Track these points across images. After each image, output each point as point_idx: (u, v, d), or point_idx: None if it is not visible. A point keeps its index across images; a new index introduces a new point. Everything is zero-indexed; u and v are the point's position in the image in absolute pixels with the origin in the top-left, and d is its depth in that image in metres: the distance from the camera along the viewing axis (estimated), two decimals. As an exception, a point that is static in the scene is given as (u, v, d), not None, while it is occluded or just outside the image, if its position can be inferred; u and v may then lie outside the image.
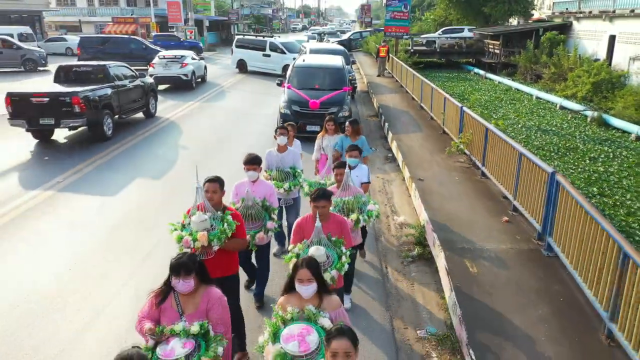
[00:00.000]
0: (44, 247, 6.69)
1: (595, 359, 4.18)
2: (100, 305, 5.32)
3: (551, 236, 5.65)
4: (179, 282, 3.22)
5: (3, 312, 5.14)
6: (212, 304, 3.32)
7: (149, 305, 3.31)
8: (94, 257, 6.41)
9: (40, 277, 5.87)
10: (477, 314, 4.76)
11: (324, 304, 3.26)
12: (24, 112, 11.23)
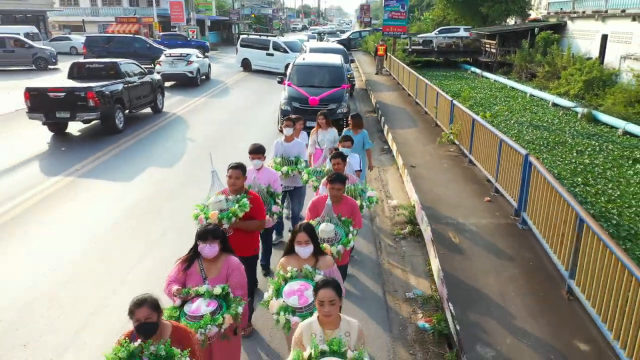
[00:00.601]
0: (70, 226, 7.35)
1: (557, 310, 4.85)
2: (123, 274, 5.97)
3: (525, 211, 6.34)
4: (205, 247, 3.58)
5: (33, 284, 5.77)
6: (232, 270, 3.69)
7: (176, 271, 3.71)
8: (112, 236, 7.05)
9: (66, 253, 6.50)
10: (457, 276, 5.43)
11: (319, 263, 3.73)
12: (41, 106, 11.85)
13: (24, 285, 5.68)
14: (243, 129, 14.31)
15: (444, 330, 4.86)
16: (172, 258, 3.81)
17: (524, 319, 4.72)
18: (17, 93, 19.13)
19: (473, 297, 5.07)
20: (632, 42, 23.19)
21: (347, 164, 5.34)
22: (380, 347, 4.74)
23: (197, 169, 10.01)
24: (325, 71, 13.91)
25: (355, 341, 3.05)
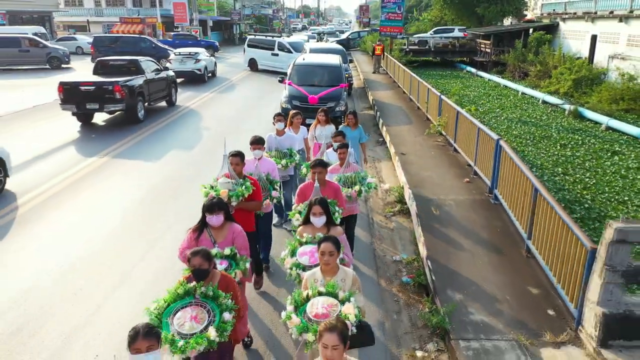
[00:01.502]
0: (106, 199, 8.55)
1: (516, 264, 5.81)
2: (152, 241, 6.93)
3: (497, 188, 7.31)
4: (213, 217, 4.20)
5: (79, 244, 6.75)
6: (236, 235, 4.34)
7: (188, 239, 4.39)
8: (142, 209, 8.14)
9: (104, 221, 7.53)
10: (435, 240, 6.39)
11: (331, 232, 4.28)
12: (73, 98, 13.25)
13: (74, 245, 6.76)
14: (249, 121, 15.34)
15: (422, 282, 5.83)
16: (191, 223, 4.67)
17: (488, 271, 5.70)
18: (32, 90, 20.21)
19: (448, 256, 6.04)
20: (619, 42, 24.13)
21: (350, 153, 5.99)
22: (370, 297, 5.69)
23: (210, 155, 11.21)
24: (324, 71, 14.37)
25: (350, 286, 3.68)
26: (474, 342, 4.55)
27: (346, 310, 3.41)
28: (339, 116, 12.91)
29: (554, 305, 5.06)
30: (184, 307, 3.41)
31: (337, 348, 2.84)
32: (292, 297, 3.65)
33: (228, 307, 3.47)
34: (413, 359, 4.66)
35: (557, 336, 4.58)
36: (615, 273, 4.09)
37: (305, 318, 3.47)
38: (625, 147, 14.61)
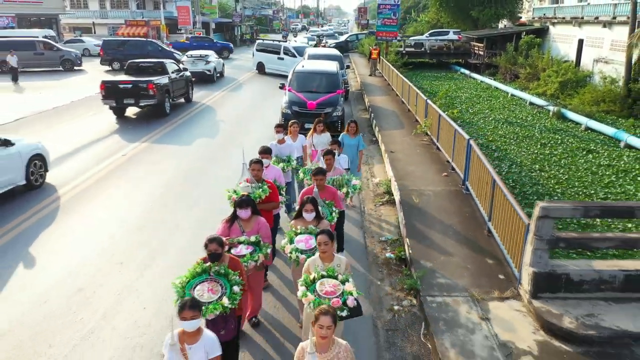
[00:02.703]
0: (148, 177, 10.63)
1: (478, 241, 7.08)
2: (179, 221, 8.23)
3: (468, 181, 8.61)
4: (242, 212, 5.13)
5: (117, 224, 8.04)
6: (261, 226, 5.26)
7: (223, 228, 5.22)
8: (179, 186, 10.05)
9: (145, 198, 9.37)
10: (414, 223, 7.67)
11: (320, 225, 5.28)
12: (113, 94, 15.56)
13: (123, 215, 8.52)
14: (258, 114, 17.55)
15: (402, 256, 7.11)
16: (215, 197, 5.91)
17: (455, 247, 6.99)
18: (49, 92, 21.44)
19: (423, 235, 7.33)
20: (603, 47, 25.38)
21: (336, 160, 6.97)
22: (360, 269, 6.97)
23: (227, 143, 13.66)
24: (322, 78, 14.97)
25: (344, 270, 4.57)
26: (438, 298, 5.84)
27: (348, 288, 4.28)
28: (336, 121, 13.62)
29: (504, 272, 6.34)
30: (202, 282, 4.26)
31: (330, 328, 3.50)
32: (303, 280, 4.46)
33: (237, 282, 4.32)
34: (392, 311, 5.94)
35: (502, 293, 5.87)
36: (542, 241, 5.37)
37: (316, 295, 4.29)
38: (600, 146, 15.86)
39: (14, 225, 8.02)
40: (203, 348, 3.66)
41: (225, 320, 4.32)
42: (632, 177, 12.65)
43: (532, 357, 4.81)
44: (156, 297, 6.07)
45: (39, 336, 5.31)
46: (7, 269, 6.70)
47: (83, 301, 5.97)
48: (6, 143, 9.00)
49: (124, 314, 5.74)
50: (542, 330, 5.17)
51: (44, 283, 6.38)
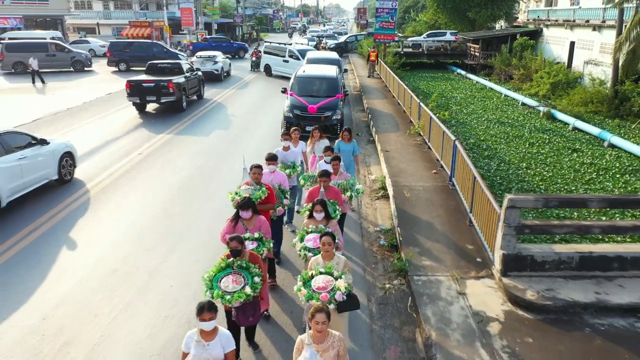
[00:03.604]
0: (172, 165, 12.18)
1: (461, 230, 8.06)
2: (196, 212, 9.20)
3: (454, 177, 9.59)
4: (244, 212, 5.70)
5: (143, 211, 9.03)
6: (262, 223, 5.86)
7: (228, 226, 5.78)
8: (198, 175, 11.50)
9: (167, 189, 10.59)
10: (405, 214, 8.64)
11: (329, 224, 5.80)
12: (137, 92, 17.41)
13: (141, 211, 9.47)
14: (264, 112, 18.97)
15: (394, 243, 8.09)
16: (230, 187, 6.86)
17: (440, 234, 7.96)
18: (61, 93, 22.39)
19: (412, 225, 8.31)
20: (593, 49, 26.33)
21: (340, 166, 7.57)
22: (357, 255, 7.92)
23: (241, 134, 15.64)
24: (323, 82, 15.57)
25: (342, 268, 5.02)
26: (423, 277, 6.81)
27: (339, 284, 4.72)
28: (335, 124, 14.34)
29: (481, 256, 7.31)
30: (227, 275, 4.87)
31: (325, 323, 3.96)
32: (301, 276, 4.98)
33: (257, 273, 4.94)
34: (383, 289, 6.91)
35: (478, 273, 6.85)
36: (510, 228, 6.33)
37: (310, 290, 4.77)
38: (585, 145, 16.80)
39: (50, 216, 9.04)
40: (220, 344, 4.11)
41: (254, 309, 4.96)
42: (611, 174, 13.58)
43: (499, 323, 5.79)
44: (181, 277, 7.04)
45: (84, 309, 6.28)
46: (49, 255, 7.67)
47: (118, 280, 6.95)
48: (43, 142, 10.08)
49: (154, 291, 6.71)
50: (509, 302, 6.14)
51: (83, 265, 7.35)
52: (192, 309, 5.71)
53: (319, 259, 5.14)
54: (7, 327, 5.92)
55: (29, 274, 7.08)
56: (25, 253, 7.69)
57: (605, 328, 5.65)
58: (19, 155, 9.36)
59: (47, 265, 7.35)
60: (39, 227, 8.58)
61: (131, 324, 5.98)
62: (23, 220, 8.82)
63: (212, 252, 7.46)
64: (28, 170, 9.48)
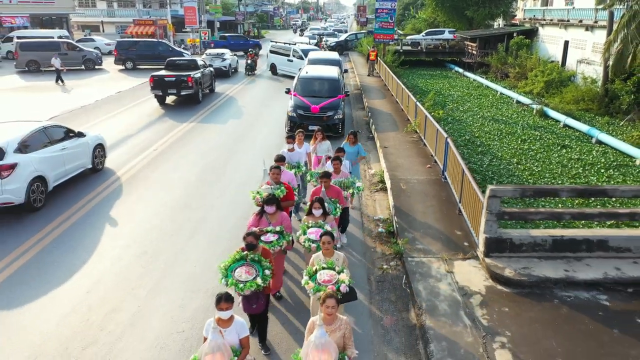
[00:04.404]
0: (196, 150, 14.10)
1: (451, 219, 8.98)
2: (214, 202, 10.13)
3: (446, 171, 10.51)
4: (268, 207, 6.35)
5: (171, 193, 9.97)
6: (284, 219, 6.55)
7: (254, 220, 6.50)
8: (217, 159, 13.16)
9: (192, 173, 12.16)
10: (401, 205, 9.56)
11: (326, 220, 6.57)
12: (159, 85, 19.58)
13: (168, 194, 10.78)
14: (272, 104, 20.99)
15: (391, 230, 9.01)
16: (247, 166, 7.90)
17: (432, 222, 8.89)
18: (75, 92, 23.29)
19: (408, 214, 9.24)
20: (586, 49, 27.15)
21: (343, 165, 8.47)
22: (357, 242, 8.83)
23: (254, 122, 17.85)
24: (325, 83, 16.21)
25: (341, 263, 5.55)
26: (417, 258, 7.74)
27: (342, 278, 5.28)
28: (337, 124, 15.08)
29: (468, 240, 8.24)
30: (240, 266, 5.41)
31: (334, 307, 4.48)
32: (306, 271, 5.56)
33: (267, 266, 5.48)
34: (381, 269, 7.84)
35: (465, 255, 7.78)
36: (492, 214, 7.26)
37: (316, 283, 5.32)
38: (574, 142, 17.68)
39: (85, 202, 10.25)
40: (235, 330, 4.61)
41: (257, 297, 5.50)
42: (596, 169, 14.47)
43: (480, 295, 6.72)
44: (203, 259, 7.96)
45: (122, 284, 7.22)
46: (86, 238, 8.67)
47: (148, 260, 7.89)
48: (80, 135, 11.36)
49: (180, 270, 7.64)
50: (490, 279, 7.07)
51: (117, 246, 8.33)
52: (214, 284, 6.71)
53: (320, 255, 5.71)
54: (61, 298, 6.91)
55: (72, 254, 8.09)
56: (68, 235, 8.78)
57: (571, 299, 6.59)
58: (62, 146, 10.61)
59: (87, 246, 8.35)
60: (78, 211, 9.77)
61: (163, 297, 6.92)
62: (64, 205, 10.03)
63: (230, 236, 8.42)
64: (68, 160, 10.75)
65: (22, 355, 5.74)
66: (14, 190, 9.07)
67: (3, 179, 8.94)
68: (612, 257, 7.25)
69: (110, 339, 6.02)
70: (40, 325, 6.30)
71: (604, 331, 5.96)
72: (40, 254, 8.07)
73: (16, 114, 16.93)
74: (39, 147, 9.97)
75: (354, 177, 8.56)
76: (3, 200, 9.02)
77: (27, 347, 5.87)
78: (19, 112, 17.76)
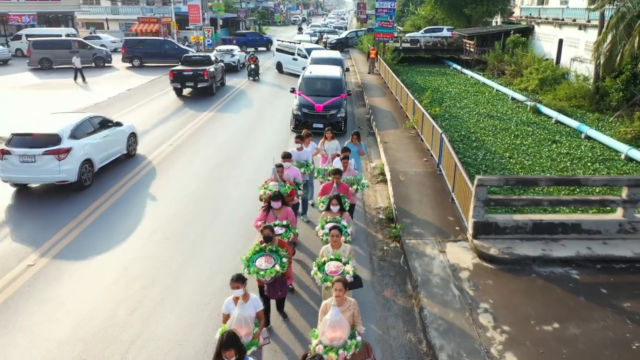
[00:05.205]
0: (214, 137, 16.17)
1: (445, 206, 10.02)
2: (229, 191, 11.12)
3: (441, 164, 11.51)
4: (274, 203, 6.98)
5: (195, 178, 10.98)
6: (289, 213, 7.20)
7: (261, 215, 7.14)
8: (232, 146, 14.94)
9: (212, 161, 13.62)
10: (400, 194, 10.56)
11: (343, 215, 7.18)
12: (178, 78, 21.91)
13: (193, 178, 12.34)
14: (280, 96, 22.86)
15: (390, 217, 10.01)
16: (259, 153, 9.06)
17: (427, 209, 9.89)
18: (87, 89, 24.17)
19: (406, 201, 10.23)
20: (579, 47, 28.03)
21: (349, 163, 9.03)
22: (361, 227, 9.78)
23: (265, 111, 20.07)
24: (328, 83, 16.97)
25: (347, 254, 6.09)
26: (413, 241, 8.74)
27: (347, 268, 5.84)
28: (340, 122, 15.87)
29: (460, 225, 9.24)
30: (260, 256, 6.08)
31: (342, 290, 5.10)
32: (316, 262, 6.13)
33: (284, 255, 6.12)
34: (382, 250, 8.84)
35: (456, 237, 8.77)
36: (479, 201, 8.24)
37: (324, 274, 5.87)
38: (564, 137, 18.63)
39: (124, 183, 11.85)
40: (252, 305, 5.26)
41: (282, 285, 6.18)
42: (583, 163, 15.43)
43: (468, 271, 7.73)
44: (223, 243, 8.96)
45: (154, 261, 8.23)
46: (123, 217, 9.98)
47: (174, 242, 8.90)
48: (118, 124, 13.12)
49: (202, 253, 8.63)
50: (477, 257, 8.08)
51: (151, 227, 9.56)
52: (235, 263, 7.69)
53: (329, 247, 6.26)
54: (105, 272, 7.97)
55: (109, 235, 9.24)
56: (105, 217, 10.01)
57: (546, 274, 7.60)
58: (104, 133, 12.30)
59: (121, 227, 9.52)
60: (118, 191, 11.31)
61: (191, 273, 7.92)
62: (106, 185, 11.67)
63: (245, 224, 9.46)
64: (109, 146, 12.44)
65: (77, 318, 6.75)
66: (68, 171, 10.72)
67: (60, 161, 10.57)
68: (584, 239, 8.26)
69: (151, 304, 7.03)
70: (91, 291, 7.40)
71: (572, 299, 6.97)
72: (92, 224, 9.62)
73: (37, 110, 18.01)
74: (86, 134, 11.63)
75: (361, 175, 9.28)
76: (60, 178, 10.68)
77: (80, 312, 6.89)
78: (39, 108, 18.74)
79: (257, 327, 5.21)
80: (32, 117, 15.12)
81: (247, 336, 4.99)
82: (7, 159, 10.51)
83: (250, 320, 5.12)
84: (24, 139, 10.67)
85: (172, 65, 24.59)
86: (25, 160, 10.46)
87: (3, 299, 7.17)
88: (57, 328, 6.55)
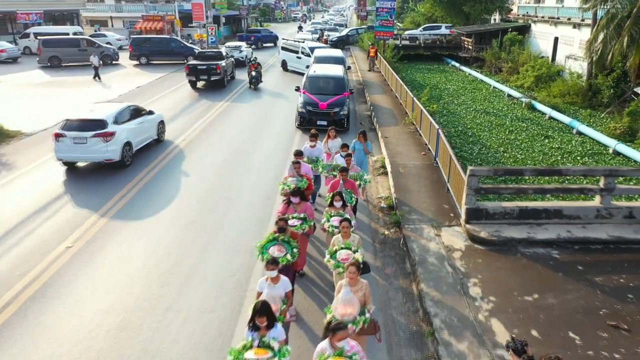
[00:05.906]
0: (228, 128, 17.62)
1: (440, 196, 10.92)
2: (242, 182, 12.05)
3: (437, 157, 12.44)
4: (294, 198, 7.59)
5: (214, 162, 11.92)
6: (307, 208, 7.72)
7: (282, 207, 7.81)
8: (243, 147, 15.47)
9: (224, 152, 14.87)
10: (400, 185, 11.49)
11: (346, 210, 7.92)
12: (193, 72, 24.23)
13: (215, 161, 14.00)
14: (287, 89, 23.94)
15: (391, 205, 10.95)
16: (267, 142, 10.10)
17: (425, 198, 10.82)
18: (96, 87, 25.06)
19: (405, 191, 11.17)
20: (574, 45, 28.86)
21: (352, 160, 9.71)
22: (364, 214, 10.71)
23: (274, 101, 22.06)
24: (331, 82, 17.69)
25: (356, 244, 6.62)
26: (412, 226, 9.67)
27: (357, 256, 6.30)
28: (343, 119, 16.61)
29: (454, 212, 10.17)
30: (273, 245, 6.61)
31: (355, 273, 5.60)
32: (328, 250, 6.69)
33: (295, 245, 6.66)
34: (383, 235, 9.77)
35: (450, 222, 9.71)
36: (471, 190, 9.17)
37: (336, 261, 6.43)
38: (557, 132, 19.48)
39: (156, 164, 13.64)
40: (282, 286, 5.80)
41: (287, 271, 6.49)
42: (573, 157, 16.29)
43: (460, 251, 8.67)
44: (239, 232, 9.87)
45: (181, 244, 9.18)
46: (156, 195, 11.44)
47: (196, 230, 9.84)
48: (150, 112, 14.84)
49: (220, 239, 9.56)
50: (469, 240, 9.02)
51: (178, 209, 10.76)
52: (251, 246, 8.57)
53: (339, 237, 6.80)
54: (138, 251, 8.94)
55: (141, 215, 10.47)
56: (137, 199, 11.28)
57: (530, 254, 8.55)
58: (140, 120, 14.05)
59: (149, 211, 10.61)
60: (151, 170, 13.02)
61: (213, 254, 8.86)
62: (142, 165, 13.41)
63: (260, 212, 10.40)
64: (144, 131, 14.25)
65: (114, 293, 7.70)
66: (113, 151, 12.52)
67: (107, 142, 12.36)
68: (565, 223, 9.20)
69: (179, 281, 7.98)
70: (127, 267, 8.39)
71: (551, 274, 7.92)
72: (133, 198, 11.35)
73: (54, 106, 18.93)
74: (126, 120, 13.35)
75: (364, 172, 9.90)
76: (107, 157, 12.49)
77: (115, 287, 7.84)
78: (55, 104, 19.63)
79: (284, 305, 5.76)
80: (77, 106, 18.00)
81: (275, 312, 5.42)
82: (61, 141, 12.22)
83: (278, 299, 5.71)
84: (75, 124, 12.44)
85: (178, 63, 26.55)
86: (78, 142, 12.24)
87: (56, 268, 8.30)
88: (102, 297, 7.51)
